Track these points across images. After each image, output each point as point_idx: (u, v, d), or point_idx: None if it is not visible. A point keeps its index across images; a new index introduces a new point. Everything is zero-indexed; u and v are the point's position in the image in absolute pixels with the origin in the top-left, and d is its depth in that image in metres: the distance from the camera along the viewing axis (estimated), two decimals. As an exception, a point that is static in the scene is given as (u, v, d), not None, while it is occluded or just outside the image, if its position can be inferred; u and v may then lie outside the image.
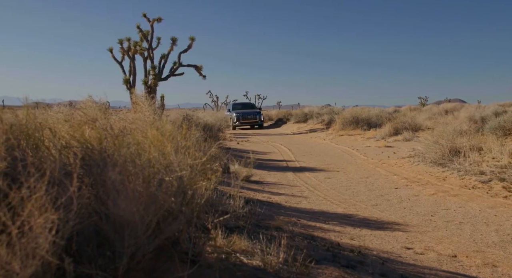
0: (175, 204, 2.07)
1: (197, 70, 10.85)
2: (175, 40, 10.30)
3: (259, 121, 24.84)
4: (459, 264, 3.13)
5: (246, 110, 25.61)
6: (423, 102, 32.80)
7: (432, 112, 16.03)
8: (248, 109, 26.11)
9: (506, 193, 5.45)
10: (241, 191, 5.28)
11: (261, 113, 25.42)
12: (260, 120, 24.86)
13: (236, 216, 3.40)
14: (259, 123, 24.81)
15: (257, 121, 24.68)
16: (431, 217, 4.66)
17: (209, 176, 2.73)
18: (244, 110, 25.58)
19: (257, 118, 24.69)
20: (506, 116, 8.89)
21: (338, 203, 5.39)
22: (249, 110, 25.44)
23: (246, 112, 24.92)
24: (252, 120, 24.52)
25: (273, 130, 23.61)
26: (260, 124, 24.90)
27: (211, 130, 9.52)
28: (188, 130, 3.12)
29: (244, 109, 25.73)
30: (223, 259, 2.22)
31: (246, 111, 25.09)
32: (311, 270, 2.42)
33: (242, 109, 25.99)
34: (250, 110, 25.45)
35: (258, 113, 25.07)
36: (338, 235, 3.78)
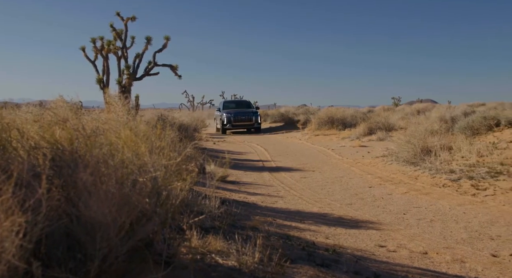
0: (149, 205, 2.04)
1: (172, 70, 10.74)
2: (150, 40, 10.16)
3: (256, 123, 20.23)
4: (429, 261, 3.21)
5: (240, 110, 20.68)
6: (396, 103, 33.50)
7: (405, 112, 16.40)
8: (242, 108, 21.11)
9: (474, 191, 5.62)
10: (217, 191, 5.27)
11: (258, 113, 20.64)
12: (257, 122, 20.31)
13: (212, 216, 3.39)
14: (255, 126, 20.22)
15: (252, 124, 20.11)
16: (403, 215, 4.76)
17: (184, 177, 2.71)
18: (238, 110, 20.67)
19: (252, 120, 20.06)
20: (474, 116, 9.18)
21: (314, 202, 5.45)
22: (244, 110, 20.56)
23: (240, 112, 20.16)
24: (247, 123, 20.03)
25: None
26: (257, 127, 20.32)
27: (186, 130, 9.44)
28: (162, 131, 3.09)
29: (237, 109, 20.85)
30: (198, 260, 2.20)
31: (240, 111, 20.29)
32: (286, 270, 2.43)
33: (235, 108, 21.11)
34: (244, 110, 20.57)
35: (255, 114, 20.31)
36: (313, 234, 3.82)
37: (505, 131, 8.15)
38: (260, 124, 20.57)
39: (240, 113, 20.09)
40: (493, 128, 8.50)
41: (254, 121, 20.15)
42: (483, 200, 5.28)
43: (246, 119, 20.02)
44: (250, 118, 20.10)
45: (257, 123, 20.29)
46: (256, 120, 20.22)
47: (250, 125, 20.17)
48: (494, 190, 5.51)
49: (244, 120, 19.97)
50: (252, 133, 19.58)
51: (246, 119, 20.03)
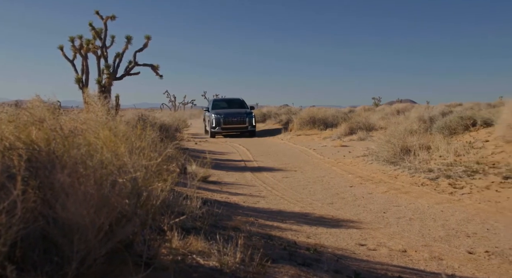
0: (129, 206, 2.02)
1: (153, 70, 10.62)
2: (130, 39, 10.02)
3: (250, 126, 17.11)
4: (408, 259, 3.27)
5: (231, 110, 17.76)
6: (377, 103, 33.96)
7: (385, 112, 16.64)
8: (234, 108, 18.15)
9: (452, 190, 5.75)
10: (199, 191, 5.24)
11: (253, 115, 17.53)
12: (251, 125, 17.18)
13: (193, 217, 3.37)
14: (249, 129, 17.09)
15: (246, 127, 17.01)
16: (383, 214, 4.83)
17: (165, 177, 2.69)
18: (229, 110, 17.79)
19: (246, 122, 16.98)
20: (451, 116, 9.38)
21: (295, 202, 5.47)
22: (236, 111, 17.62)
23: (231, 113, 17.22)
24: (239, 125, 16.96)
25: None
26: (251, 131, 17.18)
27: (167, 130, 9.37)
28: (143, 131, 3.05)
29: (228, 109, 17.98)
30: (179, 260, 2.19)
31: (231, 112, 17.35)
32: (267, 269, 2.44)
33: (226, 108, 18.25)
34: (236, 111, 17.62)
35: (249, 115, 17.25)
36: (295, 234, 3.84)
37: (481, 131, 8.35)
38: (254, 127, 17.47)
39: (231, 114, 17.03)
40: (469, 128, 8.70)
41: (248, 123, 17.06)
42: (460, 198, 5.40)
43: (238, 121, 16.95)
44: (243, 120, 16.99)
45: (251, 126, 17.21)
46: (250, 122, 17.17)
47: (243, 129, 17.03)
48: (471, 189, 5.64)
49: (235, 122, 16.91)
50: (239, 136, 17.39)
51: (238, 121, 16.95)
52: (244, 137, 16.64)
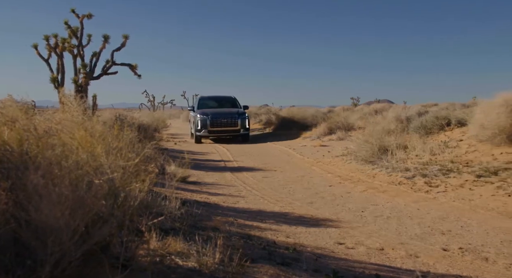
0: (105, 207, 1.99)
1: (132, 69, 10.49)
2: (108, 38, 9.86)
3: (243, 129, 14.45)
4: (385, 257, 3.32)
5: (221, 110, 15.10)
6: (355, 103, 34.35)
7: (363, 112, 16.85)
8: (224, 108, 15.55)
9: (428, 188, 5.87)
10: (178, 192, 5.20)
11: (246, 115, 14.74)
12: (245, 127, 14.49)
13: (172, 217, 3.34)
14: (242, 133, 14.49)
15: (238, 130, 14.37)
16: (361, 213, 4.90)
17: (143, 178, 2.66)
18: (218, 109, 15.13)
19: (237, 124, 14.31)
20: (427, 116, 9.59)
21: (275, 202, 5.49)
22: (226, 110, 14.94)
23: (221, 113, 14.53)
24: (230, 128, 14.31)
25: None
26: (244, 135, 14.62)
27: (146, 130, 9.25)
28: (120, 131, 3.01)
29: (217, 108, 15.42)
30: (157, 262, 2.17)
31: (221, 112, 14.66)
32: (247, 269, 2.44)
33: (215, 107, 15.64)
34: (227, 110, 14.93)
35: (241, 116, 14.53)
36: (274, 234, 3.85)
37: (455, 131, 8.57)
38: (248, 131, 14.73)
39: (220, 115, 14.28)
40: (444, 127, 8.91)
41: (240, 126, 14.29)
42: (436, 196, 5.52)
43: (229, 123, 14.21)
44: (234, 122, 14.24)
45: (245, 129, 14.40)
46: (243, 124, 14.34)
47: (234, 132, 14.40)
48: (446, 187, 5.77)
49: (225, 124, 14.18)
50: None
51: (229, 123, 14.21)
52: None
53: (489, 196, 5.12)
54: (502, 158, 6.42)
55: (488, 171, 5.87)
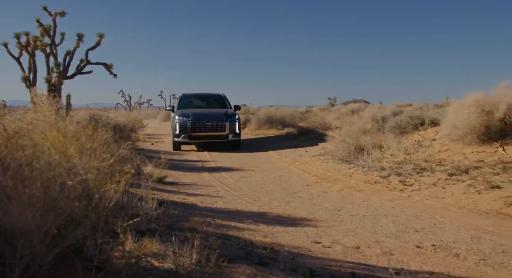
0: (79, 209, 1.95)
1: (107, 69, 10.31)
2: (82, 36, 9.65)
3: (232, 134, 11.93)
4: (361, 255, 3.37)
5: (206, 110, 12.80)
6: (332, 103, 34.72)
7: (340, 112, 17.06)
8: (210, 108, 13.29)
9: (402, 187, 5.99)
10: (155, 192, 5.15)
11: (237, 117, 12.25)
12: (234, 133, 11.98)
13: (149, 218, 3.30)
14: (231, 139, 11.95)
15: (226, 135, 11.85)
16: (338, 212, 4.96)
17: (118, 178, 2.62)
18: (202, 110, 12.80)
19: (225, 127, 11.81)
20: (402, 116, 9.78)
21: (253, 202, 5.50)
22: (212, 111, 12.57)
23: (204, 115, 12.11)
24: (215, 133, 11.79)
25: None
26: (234, 141, 12.07)
27: (122, 131, 9.11)
28: (94, 131, 2.96)
29: (202, 109, 13.10)
30: (132, 263, 2.14)
31: (205, 113, 12.26)
32: (224, 270, 2.43)
33: (200, 107, 13.45)
34: (213, 111, 12.55)
35: (230, 118, 12.02)
36: (252, 233, 3.85)
37: (429, 130, 8.77)
38: (239, 136, 12.21)
39: (205, 116, 11.86)
40: (418, 127, 9.11)
41: (229, 130, 11.80)
42: (410, 195, 5.64)
43: (215, 127, 11.74)
44: (222, 126, 11.76)
45: (234, 134, 11.93)
46: (232, 129, 11.86)
47: (221, 138, 11.81)
48: (419, 185, 5.90)
49: (210, 128, 11.72)
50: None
51: (215, 127, 11.74)
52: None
53: (460, 193, 5.27)
54: (472, 157, 6.61)
55: (460, 170, 6.04)
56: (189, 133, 11.67)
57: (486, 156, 6.51)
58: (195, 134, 11.72)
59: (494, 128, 6.80)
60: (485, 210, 4.69)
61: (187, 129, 11.64)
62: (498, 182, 5.26)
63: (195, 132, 11.69)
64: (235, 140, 12.09)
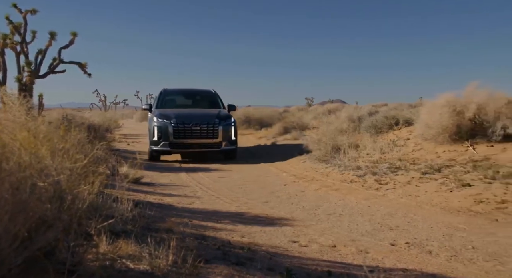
0: (50, 211, 1.90)
1: (81, 68, 10.08)
2: (54, 35, 9.40)
3: (227, 142, 9.57)
4: (337, 253, 3.41)
5: (193, 110, 10.37)
6: (310, 103, 35.04)
7: (317, 112, 17.23)
8: (198, 107, 10.79)
9: (378, 186, 6.10)
10: (131, 193, 5.08)
11: (232, 121, 9.90)
12: (230, 140, 9.64)
13: (124, 220, 3.25)
14: (225, 148, 9.58)
15: (218, 143, 9.51)
16: (315, 211, 5.00)
17: (92, 179, 2.57)
18: (188, 110, 10.37)
19: (218, 133, 9.45)
20: (377, 116, 9.96)
21: (231, 202, 5.49)
22: (200, 112, 10.17)
23: (192, 116, 9.66)
24: (205, 140, 9.42)
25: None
26: (229, 151, 9.73)
27: (96, 131, 8.92)
28: (67, 131, 2.90)
29: (188, 108, 10.71)
30: (107, 266, 2.10)
31: (192, 114, 9.83)
32: (200, 270, 2.42)
33: (184, 106, 10.96)
34: (202, 112, 10.16)
35: (224, 121, 9.68)
36: (229, 233, 3.85)
37: (403, 130, 8.96)
38: (236, 145, 9.79)
39: (192, 118, 9.37)
40: (393, 127, 9.29)
41: (223, 137, 9.41)
42: (385, 193, 5.75)
43: (205, 133, 9.31)
44: (213, 131, 9.34)
45: (230, 141, 9.54)
46: (227, 135, 9.49)
47: (213, 146, 9.46)
48: (394, 184, 6.02)
49: (199, 134, 9.29)
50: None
51: (205, 132, 9.31)
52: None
53: (433, 192, 5.40)
54: (444, 156, 6.79)
55: (432, 168, 6.19)
56: (171, 140, 9.10)
57: (457, 154, 6.69)
58: (179, 142, 9.18)
59: (465, 128, 7.00)
60: (456, 208, 4.82)
61: (169, 135, 9.07)
62: (468, 180, 5.42)
63: (179, 138, 9.15)
64: (230, 149, 9.52)
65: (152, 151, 9.43)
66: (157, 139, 9.21)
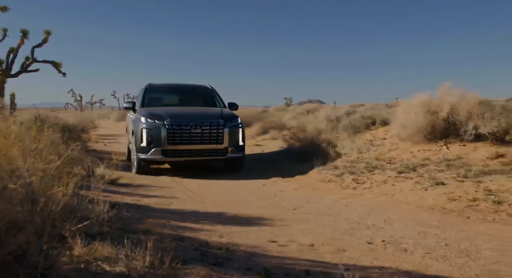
0: (21, 214, 1.85)
1: (55, 67, 9.86)
2: (27, 33, 9.16)
3: (234, 148, 7.67)
4: (316, 253, 3.43)
5: (189, 110, 8.42)
6: (288, 103, 35.18)
7: (296, 112, 17.31)
8: (193, 106, 8.87)
9: (355, 185, 6.18)
10: (108, 194, 5.00)
11: (239, 121, 8.05)
12: (237, 145, 7.74)
13: (100, 221, 3.19)
14: (231, 156, 7.70)
15: (223, 149, 7.60)
16: (294, 210, 5.02)
17: (67, 181, 2.52)
18: (183, 110, 8.41)
19: (223, 137, 7.56)
20: (355, 116, 10.10)
21: (210, 202, 5.47)
22: (200, 111, 8.35)
23: (189, 116, 7.79)
24: (207, 145, 7.53)
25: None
26: (235, 160, 7.88)
27: (71, 131, 8.73)
28: (40, 132, 2.83)
29: (181, 107, 8.76)
30: (81, 268, 2.06)
31: (189, 114, 7.97)
32: (178, 271, 2.40)
33: (174, 105, 9.02)
34: (202, 111, 8.35)
35: (230, 122, 7.79)
36: (208, 234, 3.82)
37: (380, 130, 9.11)
38: (243, 150, 7.98)
39: (191, 119, 7.65)
40: (370, 127, 9.44)
41: (229, 141, 7.67)
42: (362, 192, 5.83)
43: (207, 137, 7.57)
44: (217, 134, 7.62)
45: (237, 147, 7.78)
46: (234, 139, 7.76)
47: (216, 153, 7.72)
48: (371, 183, 6.11)
49: (200, 138, 7.55)
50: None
51: (207, 136, 7.57)
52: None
53: (409, 190, 5.50)
54: (419, 155, 6.94)
55: (408, 167, 6.31)
56: (164, 147, 7.31)
57: (432, 154, 6.85)
58: (175, 148, 7.42)
59: (439, 127, 7.17)
60: (430, 206, 4.93)
61: (161, 140, 7.30)
62: (442, 179, 5.55)
63: (174, 144, 7.36)
64: (237, 157, 7.74)
65: (140, 160, 7.50)
66: (146, 145, 7.34)
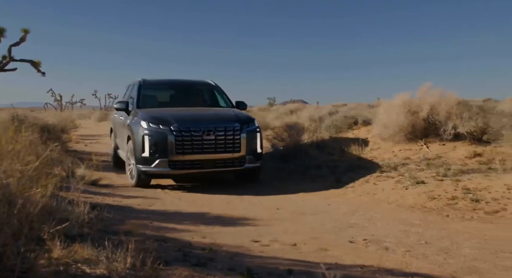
0: (-2, 216, 1.81)
1: (34, 66, 9.65)
2: (3, 31, 8.95)
3: (251, 156, 6.33)
4: (298, 252, 3.45)
5: (198, 111, 7.09)
6: (272, 103, 35.26)
7: (279, 112, 17.33)
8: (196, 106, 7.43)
9: (338, 184, 6.23)
10: (89, 196, 4.92)
11: (256, 125, 6.63)
12: (255, 152, 6.41)
13: (80, 223, 3.14)
14: (248, 167, 6.37)
15: (239, 158, 6.26)
16: (277, 210, 5.04)
17: (46, 182, 2.47)
18: (192, 111, 6.99)
19: (239, 144, 6.22)
20: (337, 116, 10.19)
21: (193, 203, 5.44)
22: (210, 113, 7.01)
23: (200, 118, 6.53)
24: (222, 155, 6.20)
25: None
26: (252, 170, 6.51)
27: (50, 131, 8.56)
28: (18, 132, 2.77)
29: (188, 108, 7.17)
30: (60, 271, 2.02)
31: (199, 116, 6.71)
32: (160, 272, 2.38)
33: (175, 104, 7.38)
34: (212, 113, 7.01)
35: (247, 127, 6.39)
36: (191, 234, 3.80)
37: (362, 129, 9.21)
38: (260, 158, 6.61)
39: (201, 122, 6.32)
40: (352, 126, 9.53)
41: (246, 149, 6.31)
42: (345, 192, 5.89)
43: (222, 144, 6.21)
44: (233, 142, 6.25)
45: (255, 155, 6.45)
46: (251, 146, 6.40)
47: (233, 163, 6.30)
48: (354, 183, 6.17)
49: (214, 146, 6.19)
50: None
51: (222, 143, 6.22)
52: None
53: (390, 189, 5.58)
54: (400, 154, 7.04)
55: (389, 167, 6.40)
56: (171, 157, 6.10)
57: (412, 153, 6.96)
58: (185, 159, 6.20)
59: (419, 127, 7.29)
60: (411, 204, 5.01)
61: (168, 149, 6.09)
62: (422, 178, 5.64)
63: (183, 154, 6.15)
64: (254, 167, 6.54)
65: (141, 173, 6.30)
66: (150, 155, 6.12)
